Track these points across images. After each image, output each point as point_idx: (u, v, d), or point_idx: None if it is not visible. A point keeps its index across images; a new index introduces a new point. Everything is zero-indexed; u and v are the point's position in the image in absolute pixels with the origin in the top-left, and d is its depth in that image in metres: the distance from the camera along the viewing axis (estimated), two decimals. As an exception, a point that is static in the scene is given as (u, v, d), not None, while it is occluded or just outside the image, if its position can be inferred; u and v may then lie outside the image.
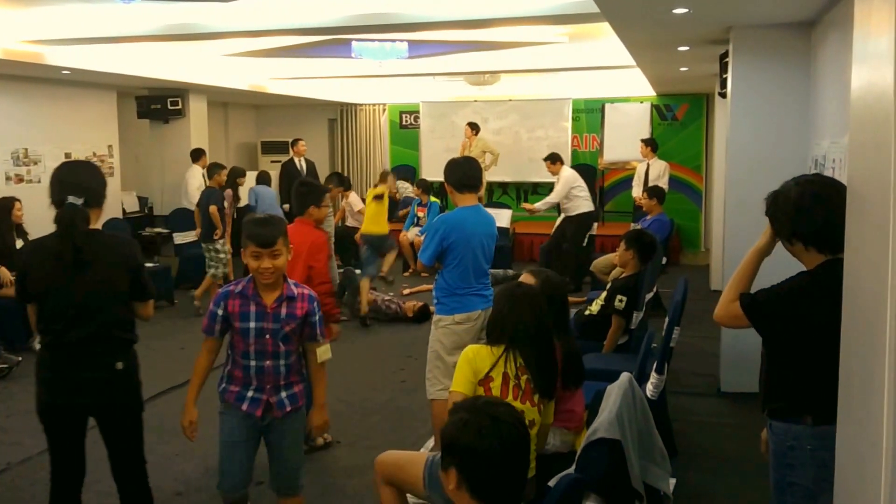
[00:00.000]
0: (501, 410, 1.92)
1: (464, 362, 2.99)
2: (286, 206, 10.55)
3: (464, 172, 4.21)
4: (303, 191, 4.56)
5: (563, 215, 9.06)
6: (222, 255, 7.93)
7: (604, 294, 5.27)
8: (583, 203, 8.88)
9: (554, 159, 9.11)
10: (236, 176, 8.89)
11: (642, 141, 9.96)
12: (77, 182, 2.96)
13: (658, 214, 7.68)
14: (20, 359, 6.07)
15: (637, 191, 9.67)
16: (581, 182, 8.95)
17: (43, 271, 2.95)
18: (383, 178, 8.90)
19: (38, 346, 6.72)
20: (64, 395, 3.01)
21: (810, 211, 2.38)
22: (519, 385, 2.94)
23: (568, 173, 8.96)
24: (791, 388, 2.45)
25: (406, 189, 11.33)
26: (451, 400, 2.84)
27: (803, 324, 2.37)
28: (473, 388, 2.93)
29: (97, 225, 3.05)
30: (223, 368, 3.19)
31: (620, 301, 4.89)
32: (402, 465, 3.08)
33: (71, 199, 2.89)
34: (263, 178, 9.88)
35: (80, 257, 2.88)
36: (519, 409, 2.89)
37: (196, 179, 9.29)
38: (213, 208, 7.78)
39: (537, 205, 9.27)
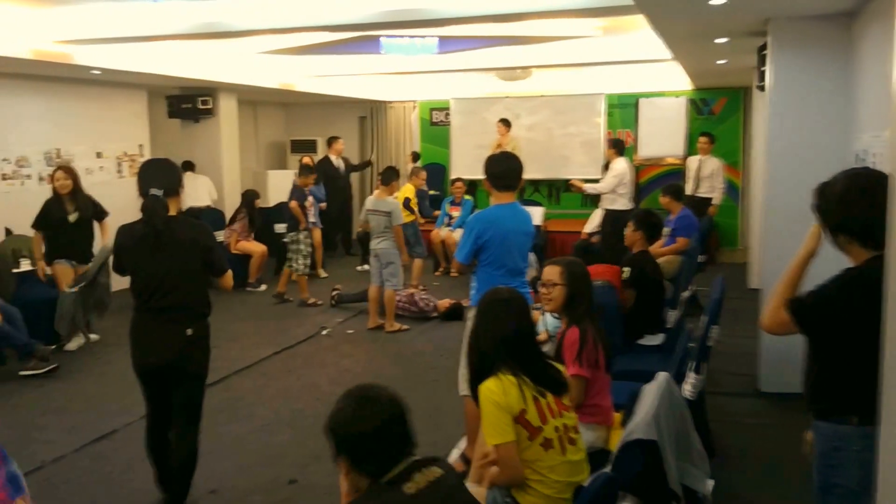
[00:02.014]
0: (370, 392, 2.05)
1: (493, 408, 2.59)
2: (323, 206, 10.60)
3: (504, 170, 4.16)
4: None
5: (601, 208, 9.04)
6: (302, 247, 8.45)
7: None
8: (624, 200, 8.84)
9: (614, 144, 9.09)
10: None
11: (702, 134, 9.80)
12: (157, 177, 3.57)
13: (681, 212, 7.33)
14: (56, 365, 6.11)
15: (690, 187, 9.52)
16: (629, 179, 8.97)
17: (131, 250, 3.56)
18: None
19: (73, 347, 6.84)
20: (147, 353, 3.59)
21: (855, 204, 2.36)
22: (548, 401, 2.70)
23: (621, 167, 8.88)
24: (836, 388, 2.41)
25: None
26: (501, 455, 2.54)
27: (849, 322, 2.32)
28: (515, 431, 2.61)
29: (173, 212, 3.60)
30: None
31: (625, 271, 4.96)
32: None
33: (153, 191, 3.49)
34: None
35: (160, 239, 3.47)
36: (561, 423, 2.72)
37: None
38: (293, 203, 8.51)
39: (587, 186, 9.27)
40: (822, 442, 2.45)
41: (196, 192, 9.72)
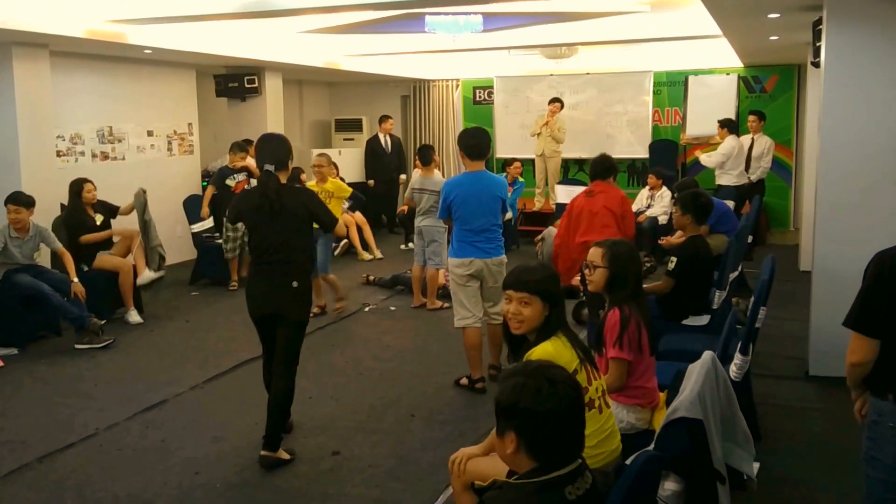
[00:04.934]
0: (555, 373, 1.93)
1: None
2: (371, 182, 10.56)
3: (475, 143, 4.99)
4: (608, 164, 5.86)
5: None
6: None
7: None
8: (730, 177, 9.05)
9: (725, 124, 9.19)
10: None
11: (752, 112, 9.66)
12: (269, 153, 4.11)
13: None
14: (111, 340, 6.28)
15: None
16: (737, 159, 9.09)
17: (250, 214, 4.13)
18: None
19: (132, 320, 6.95)
20: (260, 303, 4.12)
21: None
22: (588, 365, 2.83)
23: (728, 145, 9.04)
24: (878, 365, 2.49)
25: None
26: None
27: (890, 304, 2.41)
28: None
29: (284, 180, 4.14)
30: None
31: (672, 261, 4.87)
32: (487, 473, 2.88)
33: (266, 166, 4.05)
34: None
35: (273, 207, 3.99)
36: (599, 386, 2.84)
37: None
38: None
39: (703, 157, 9.44)
40: (869, 414, 2.54)
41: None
